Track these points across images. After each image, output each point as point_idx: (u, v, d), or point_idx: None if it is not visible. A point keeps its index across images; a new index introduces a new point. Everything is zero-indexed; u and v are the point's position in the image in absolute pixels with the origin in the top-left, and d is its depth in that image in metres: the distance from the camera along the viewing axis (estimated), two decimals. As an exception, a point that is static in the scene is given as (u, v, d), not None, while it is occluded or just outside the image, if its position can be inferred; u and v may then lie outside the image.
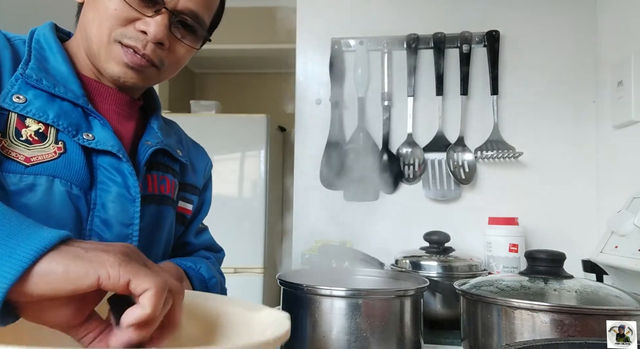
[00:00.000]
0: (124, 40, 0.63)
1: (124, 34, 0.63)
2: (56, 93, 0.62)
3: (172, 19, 0.64)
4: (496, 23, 1.28)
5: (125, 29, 0.63)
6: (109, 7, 0.62)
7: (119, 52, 0.63)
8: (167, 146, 0.73)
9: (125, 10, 0.62)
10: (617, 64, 1.12)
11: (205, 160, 0.88)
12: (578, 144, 1.26)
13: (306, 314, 0.65)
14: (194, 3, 0.65)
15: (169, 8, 0.63)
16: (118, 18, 0.62)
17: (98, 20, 0.63)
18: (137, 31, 0.63)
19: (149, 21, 0.62)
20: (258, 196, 2.53)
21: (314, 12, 1.37)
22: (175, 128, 0.85)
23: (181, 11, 0.65)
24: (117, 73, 0.65)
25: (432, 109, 1.28)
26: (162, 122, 0.78)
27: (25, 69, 0.61)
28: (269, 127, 2.59)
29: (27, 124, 0.59)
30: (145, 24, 0.62)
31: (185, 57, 0.70)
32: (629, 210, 0.91)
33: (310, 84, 1.37)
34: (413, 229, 1.14)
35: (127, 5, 0.62)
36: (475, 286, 0.69)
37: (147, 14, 0.63)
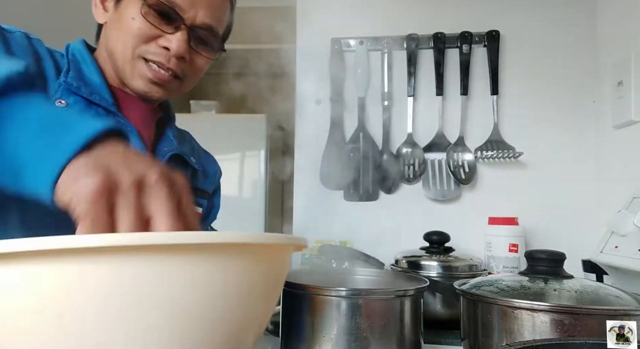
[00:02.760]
0: (147, 56, 0.68)
1: (148, 50, 0.68)
2: (93, 100, 0.67)
3: (191, 34, 0.69)
4: (496, 23, 1.28)
5: (148, 45, 0.68)
6: (133, 27, 0.67)
7: (143, 69, 0.69)
8: (182, 153, 0.79)
9: (147, 29, 0.67)
10: (617, 64, 1.12)
11: (216, 167, 0.94)
12: (578, 144, 1.26)
13: (306, 314, 0.65)
14: (210, 18, 0.71)
15: (187, 24, 0.69)
16: (141, 36, 0.67)
17: (122, 38, 0.68)
18: (159, 47, 0.68)
19: (171, 38, 0.68)
20: (258, 196, 2.53)
21: (314, 12, 1.37)
22: (188, 137, 0.92)
23: (199, 26, 0.70)
24: (142, 88, 0.71)
25: (432, 109, 1.28)
26: (177, 131, 0.84)
27: (67, 77, 0.66)
28: (269, 127, 2.59)
29: None
30: (167, 41, 0.68)
31: (204, 68, 0.76)
32: (629, 210, 0.91)
33: (310, 84, 1.37)
34: (413, 229, 1.14)
35: (149, 24, 0.67)
36: (475, 286, 0.69)
37: (168, 31, 0.68)
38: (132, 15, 0.67)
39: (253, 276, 0.41)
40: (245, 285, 0.40)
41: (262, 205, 2.52)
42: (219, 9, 0.73)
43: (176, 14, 0.68)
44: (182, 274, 0.36)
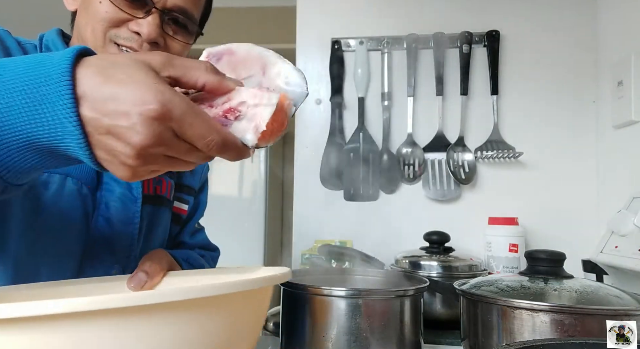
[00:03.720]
0: (119, 41, 0.64)
1: (118, 35, 0.64)
2: None
3: (163, 18, 0.65)
4: (496, 23, 1.28)
5: (118, 29, 0.64)
6: (100, 10, 0.63)
7: (115, 53, 0.65)
8: None
9: (115, 12, 0.63)
10: (617, 64, 1.12)
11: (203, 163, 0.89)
12: (578, 144, 1.25)
13: (306, 314, 0.65)
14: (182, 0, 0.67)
15: (158, 7, 0.65)
16: (110, 20, 0.64)
17: (91, 23, 0.64)
18: (130, 32, 0.64)
19: (141, 22, 0.64)
20: (258, 196, 2.53)
21: (314, 12, 1.37)
22: None
23: (171, 9, 0.66)
24: None
25: (432, 109, 1.28)
26: None
27: None
28: (269, 127, 2.58)
29: None
30: (138, 25, 0.64)
31: (182, 54, 0.71)
32: (629, 210, 0.91)
33: (310, 84, 1.36)
34: (413, 229, 1.14)
35: (116, 7, 0.63)
36: (475, 286, 0.69)
37: (138, 16, 0.64)
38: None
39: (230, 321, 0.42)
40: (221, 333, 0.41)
41: (262, 205, 2.53)
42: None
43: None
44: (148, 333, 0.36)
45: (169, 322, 0.37)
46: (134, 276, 0.58)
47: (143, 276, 0.57)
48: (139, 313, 0.35)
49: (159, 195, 0.75)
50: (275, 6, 2.73)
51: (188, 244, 0.87)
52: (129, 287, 0.57)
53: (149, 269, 0.59)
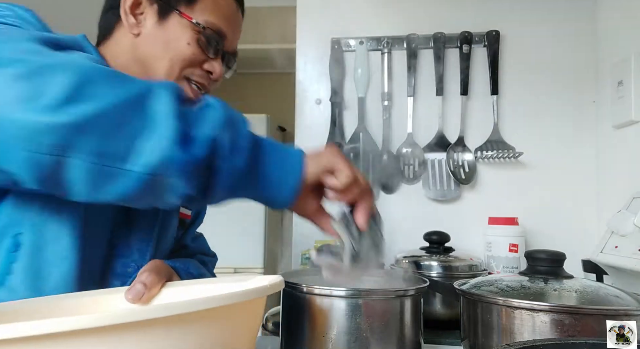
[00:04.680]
0: (192, 77, 0.74)
1: (194, 73, 0.74)
2: None
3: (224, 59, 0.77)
4: (496, 23, 1.28)
5: (194, 69, 0.74)
6: (187, 52, 0.71)
7: (186, 88, 0.74)
8: None
9: (199, 55, 0.73)
10: (617, 64, 1.12)
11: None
12: (578, 144, 1.25)
13: (306, 314, 0.65)
14: (236, 44, 0.80)
15: (225, 50, 0.76)
16: (192, 60, 0.72)
17: (170, 59, 0.71)
18: (203, 71, 0.74)
19: (214, 64, 0.75)
20: (258, 196, 2.53)
21: (314, 12, 1.37)
22: None
23: (231, 52, 0.79)
24: None
25: (432, 109, 1.28)
26: None
27: None
28: (269, 127, 2.59)
29: None
30: (211, 66, 0.74)
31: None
32: (629, 210, 0.91)
33: (310, 84, 1.37)
34: (413, 229, 1.14)
35: (201, 50, 0.72)
36: (475, 286, 0.69)
37: (211, 57, 0.74)
38: (187, 41, 0.71)
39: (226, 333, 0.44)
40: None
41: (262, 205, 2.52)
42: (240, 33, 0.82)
43: (223, 42, 0.75)
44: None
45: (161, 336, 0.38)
46: (132, 288, 0.58)
47: (141, 288, 0.58)
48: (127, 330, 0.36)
49: None
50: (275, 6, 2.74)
51: (190, 247, 0.89)
52: (127, 298, 0.57)
53: (147, 280, 0.59)
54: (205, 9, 0.73)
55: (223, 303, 0.41)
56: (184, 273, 0.72)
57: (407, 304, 0.66)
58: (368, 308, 0.63)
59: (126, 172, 0.47)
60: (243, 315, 0.47)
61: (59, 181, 0.48)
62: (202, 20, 0.72)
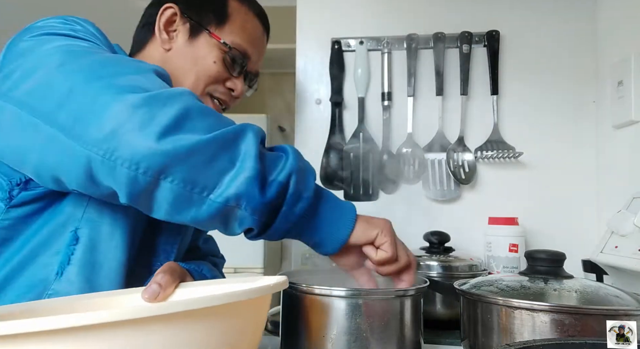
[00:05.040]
0: (215, 94, 0.80)
1: (217, 89, 0.80)
2: None
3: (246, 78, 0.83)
4: (496, 23, 1.28)
5: (217, 85, 0.79)
6: (212, 70, 0.77)
7: (208, 103, 0.79)
8: None
9: (223, 73, 0.78)
10: (617, 64, 1.12)
11: None
12: (578, 144, 1.25)
13: (306, 314, 0.65)
14: (259, 65, 0.85)
15: (249, 71, 0.82)
16: (217, 78, 0.78)
17: (196, 74, 0.77)
18: (225, 88, 0.80)
19: (236, 82, 0.80)
20: (258, 196, 2.53)
21: (314, 12, 1.37)
22: None
23: (254, 73, 0.84)
24: None
25: (432, 109, 1.28)
26: None
27: None
28: (269, 127, 2.59)
29: None
30: (234, 84, 0.80)
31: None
32: (629, 210, 0.91)
33: (310, 84, 1.37)
34: (413, 229, 1.14)
35: (226, 68, 0.78)
36: (475, 286, 0.69)
37: (234, 75, 0.80)
38: (214, 59, 0.77)
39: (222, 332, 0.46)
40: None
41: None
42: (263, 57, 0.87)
43: (245, 63, 0.80)
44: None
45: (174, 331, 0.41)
46: (148, 288, 0.62)
47: (156, 288, 0.61)
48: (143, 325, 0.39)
49: None
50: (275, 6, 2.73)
51: (202, 249, 0.92)
52: (144, 298, 0.61)
53: (162, 281, 0.62)
54: (233, 31, 0.79)
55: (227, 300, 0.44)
56: (197, 275, 0.74)
57: (407, 304, 0.66)
58: (368, 308, 0.63)
59: (207, 200, 0.53)
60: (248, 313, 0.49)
61: (148, 200, 0.54)
62: (230, 41, 0.78)
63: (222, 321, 0.45)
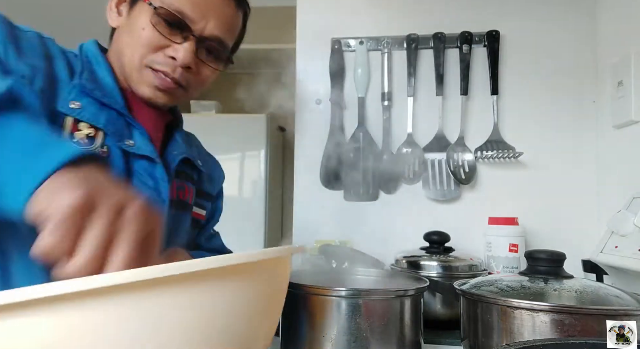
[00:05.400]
0: (154, 65, 0.70)
1: (155, 60, 0.70)
2: (106, 102, 0.68)
3: (199, 45, 0.71)
4: (496, 23, 1.28)
5: (155, 55, 0.70)
6: (142, 36, 0.68)
7: (149, 77, 0.70)
8: (191, 156, 0.81)
9: (156, 39, 0.69)
10: (617, 64, 1.12)
11: (220, 171, 0.97)
12: (578, 144, 1.25)
13: (306, 314, 0.65)
14: (219, 30, 0.72)
15: (196, 35, 0.70)
16: (150, 46, 0.69)
17: (131, 47, 0.70)
18: (166, 57, 0.70)
19: (178, 48, 0.69)
20: (258, 196, 2.53)
21: (314, 12, 1.37)
22: (195, 141, 0.93)
23: (207, 38, 0.71)
24: (148, 95, 0.72)
25: (432, 109, 1.28)
26: (184, 134, 0.86)
27: (81, 79, 0.67)
28: (269, 127, 2.59)
29: (80, 128, 0.65)
30: (175, 51, 0.69)
31: (210, 78, 0.77)
32: (629, 210, 0.91)
33: (310, 84, 1.37)
34: (413, 229, 1.14)
35: (158, 33, 0.68)
36: (475, 286, 0.69)
37: (176, 41, 0.69)
38: (143, 25, 0.68)
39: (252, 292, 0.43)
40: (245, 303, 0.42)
41: (262, 205, 2.53)
42: (230, 21, 0.74)
43: (185, 25, 0.69)
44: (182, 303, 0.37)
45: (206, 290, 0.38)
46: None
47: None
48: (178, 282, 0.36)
49: (182, 200, 0.79)
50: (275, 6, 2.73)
51: (204, 247, 0.91)
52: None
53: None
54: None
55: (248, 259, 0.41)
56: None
57: (407, 304, 0.66)
58: (368, 308, 0.63)
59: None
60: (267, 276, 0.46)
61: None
62: (158, 1, 0.68)
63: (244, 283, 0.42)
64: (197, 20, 0.69)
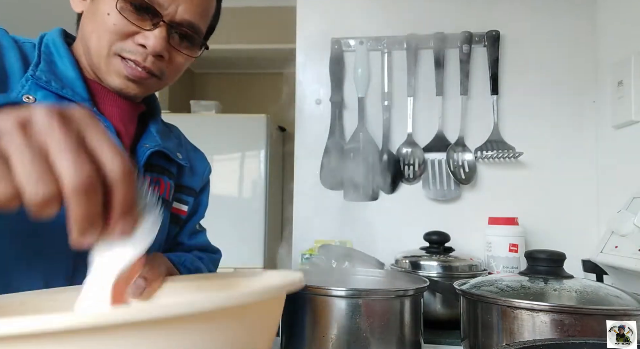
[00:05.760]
0: (123, 53, 0.64)
1: (123, 48, 0.64)
2: (64, 95, 0.63)
3: (170, 31, 0.65)
4: (496, 23, 1.28)
5: (124, 43, 0.64)
6: (108, 22, 0.62)
7: (119, 66, 0.65)
8: (166, 149, 0.75)
9: (124, 25, 0.63)
10: (617, 64, 1.12)
11: (205, 164, 0.90)
12: (578, 144, 1.26)
13: (306, 314, 0.65)
14: (191, 14, 0.66)
15: (166, 21, 0.64)
16: (117, 33, 0.63)
17: (97, 33, 0.64)
18: (136, 45, 0.64)
19: (148, 35, 0.63)
20: (258, 196, 2.53)
21: (314, 12, 1.37)
22: (176, 132, 0.87)
23: (179, 23, 0.66)
24: (118, 85, 0.67)
25: (432, 109, 1.28)
26: (162, 126, 0.80)
27: (35, 71, 0.62)
28: (269, 127, 2.59)
29: None
30: (144, 38, 0.63)
31: (184, 65, 0.71)
32: (629, 210, 0.91)
33: (310, 84, 1.37)
34: (413, 229, 1.14)
35: (125, 20, 0.62)
36: (475, 286, 0.69)
37: (146, 28, 0.63)
38: (107, 11, 0.62)
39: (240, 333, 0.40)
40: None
41: (262, 205, 2.53)
42: (202, 5, 0.68)
43: (154, 10, 0.64)
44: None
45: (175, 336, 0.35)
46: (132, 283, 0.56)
47: (141, 283, 0.55)
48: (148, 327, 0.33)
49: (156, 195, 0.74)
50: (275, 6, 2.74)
51: (186, 245, 0.86)
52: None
53: (148, 274, 0.56)
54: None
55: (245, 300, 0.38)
56: (182, 267, 0.70)
57: (407, 304, 0.66)
58: (368, 308, 0.63)
59: None
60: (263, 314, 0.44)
61: None
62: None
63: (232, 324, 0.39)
64: (167, 4, 0.64)
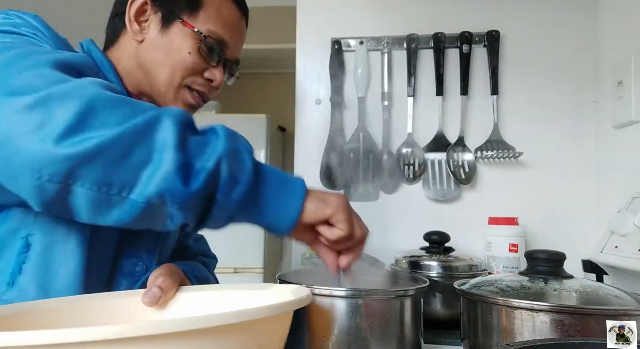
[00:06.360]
0: (193, 86, 0.75)
1: (195, 81, 0.75)
2: None
3: (226, 67, 0.78)
4: (496, 23, 1.28)
5: (195, 77, 0.75)
6: (187, 60, 0.73)
7: (187, 96, 0.75)
8: None
9: (200, 63, 0.74)
10: (617, 64, 1.12)
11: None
12: (578, 144, 1.25)
13: (306, 315, 0.65)
14: (239, 51, 0.81)
15: (227, 58, 0.77)
16: (194, 69, 0.74)
17: (171, 68, 0.73)
18: (204, 79, 0.76)
19: (215, 72, 0.76)
20: (258, 196, 2.53)
21: (314, 12, 1.37)
22: None
23: (233, 61, 0.80)
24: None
25: (432, 109, 1.28)
26: None
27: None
28: (269, 127, 2.59)
29: None
30: (212, 74, 0.76)
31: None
32: (629, 210, 0.92)
33: (310, 84, 1.37)
34: (413, 229, 1.14)
35: (202, 58, 0.73)
36: (475, 286, 0.69)
37: (212, 65, 0.75)
38: (189, 50, 0.72)
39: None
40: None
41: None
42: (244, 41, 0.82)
43: (223, 52, 0.76)
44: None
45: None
46: (149, 292, 0.60)
47: (157, 292, 0.60)
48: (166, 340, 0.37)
49: None
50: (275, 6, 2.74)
51: (192, 248, 0.90)
52: (144, 302, 0.59)
53: (163, 284, 0.60)
54: (208, 17, 0.74)
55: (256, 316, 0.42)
56: (192, 276, 0.72)
57: (407, 304, 0.66)
58: (368, 308, 0.63)
59: (128, 200, 0.49)
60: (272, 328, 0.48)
61: (64, 206, 0.50)
62: (204, 29, 0.73)
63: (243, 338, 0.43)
64: (233, 46, 0.77)
